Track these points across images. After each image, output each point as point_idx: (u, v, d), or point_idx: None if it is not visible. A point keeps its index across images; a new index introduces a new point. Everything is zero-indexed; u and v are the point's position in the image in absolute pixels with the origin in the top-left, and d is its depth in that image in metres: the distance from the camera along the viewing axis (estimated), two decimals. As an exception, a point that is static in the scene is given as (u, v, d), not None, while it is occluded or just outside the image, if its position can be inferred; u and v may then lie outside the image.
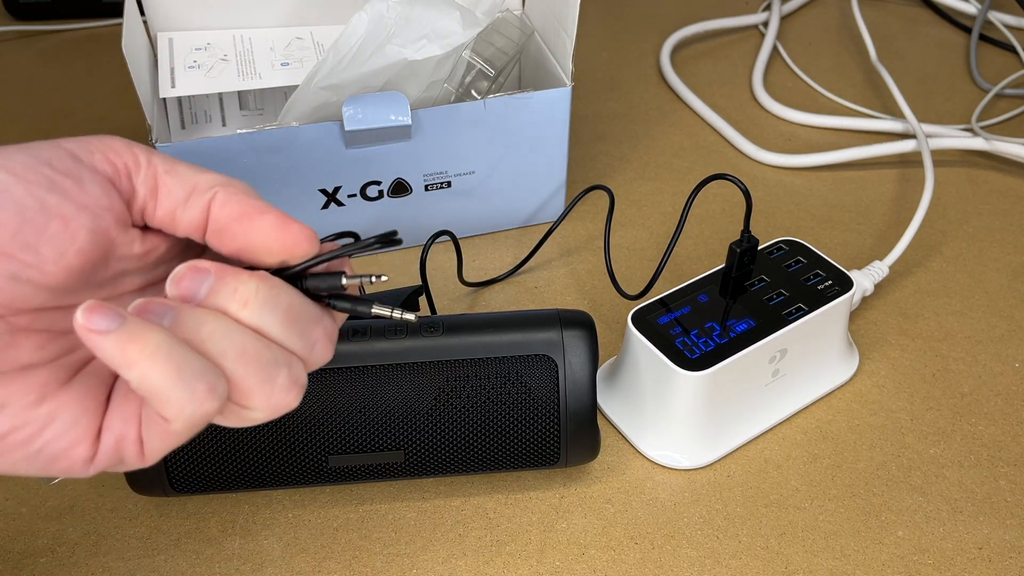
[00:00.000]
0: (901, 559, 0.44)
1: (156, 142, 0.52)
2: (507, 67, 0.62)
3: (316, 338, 0.30)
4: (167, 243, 0.31)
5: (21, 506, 0.47)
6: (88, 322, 0.25)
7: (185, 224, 0.30)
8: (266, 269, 0.30)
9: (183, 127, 0.64)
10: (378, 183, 0.58)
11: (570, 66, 0.58)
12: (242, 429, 0.42)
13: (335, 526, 0.46)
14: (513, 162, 0.60)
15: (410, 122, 0.55)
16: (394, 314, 0.32)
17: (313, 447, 0.43)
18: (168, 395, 0.26)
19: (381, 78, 0.55)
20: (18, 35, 0.86)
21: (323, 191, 0.57)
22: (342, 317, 0.32)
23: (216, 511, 0.46)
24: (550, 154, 0.61)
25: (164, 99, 0.62)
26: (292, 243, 0.30)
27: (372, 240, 0.31)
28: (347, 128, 0.54)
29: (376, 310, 0.32)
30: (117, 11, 0.86)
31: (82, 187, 0.28)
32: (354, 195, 0.58)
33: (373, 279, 0.31)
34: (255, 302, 0.28)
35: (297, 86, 0.56)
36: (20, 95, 0.78)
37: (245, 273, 0.28)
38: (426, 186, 0.59)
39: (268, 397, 0.28)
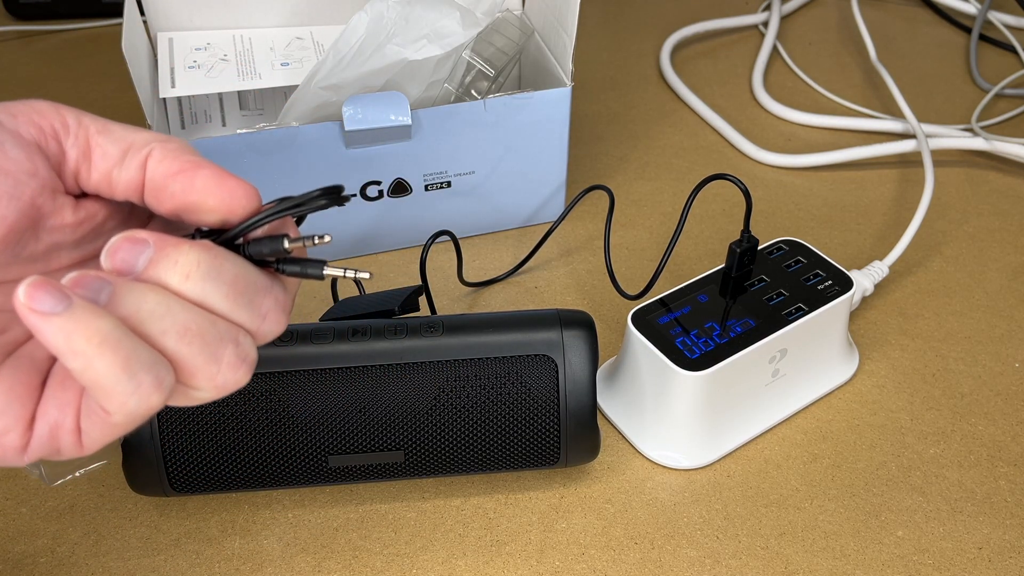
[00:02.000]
0: (901, 559, 0.44)
1: None
2: (507, 67, 0.62)
3: (266, 309, 0.28)
4: (105, 211, 0.29)
5: (21, 506, 0.47)
6: (31, 301, 0.23)
7: (123, 185, 0.28)
8: (207, 234, 0.29)
9: (183, 127, 0.64)
10: (378, 183, 0.58)
11: (570, 66, 0.58)
12: (241, 429, 0.42)
13: (335, 526, 0.46)
14: (513, 162, 0.60)
15: (410, 122, 0.55)
16: (347, 274, 0.30)
17: (313, 447, 0.43)
18: (112, 388, 0.24)
19: (381, 78, 0.55)
20: (18, 35, 0.86)
21: None
22: (294, 284, 0.31)
23: (216, 511, 0.46)
24: (550, 154, 0.61)
25: (164, 99, 0.62)
26: (231, 198, 0.28)
27: (316, 194, 0.29)
28: (347, 128, 0.54)
29: (328, 271, 0.30)
30: (117, 11, 0.86)
31: (3, 152, 0.26)
32: (354, 195, 0.58)
33: (316, 239, 0.30)
34: (197, 273, 0.26)
35: (297, 86, 0.56)
36: (20, 95, 0.78)
37: (186, 243, 0.27)
38: (426, 186, 0.59)
39: (213, 377, 0.27)
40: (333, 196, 0.29)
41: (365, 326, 0.44)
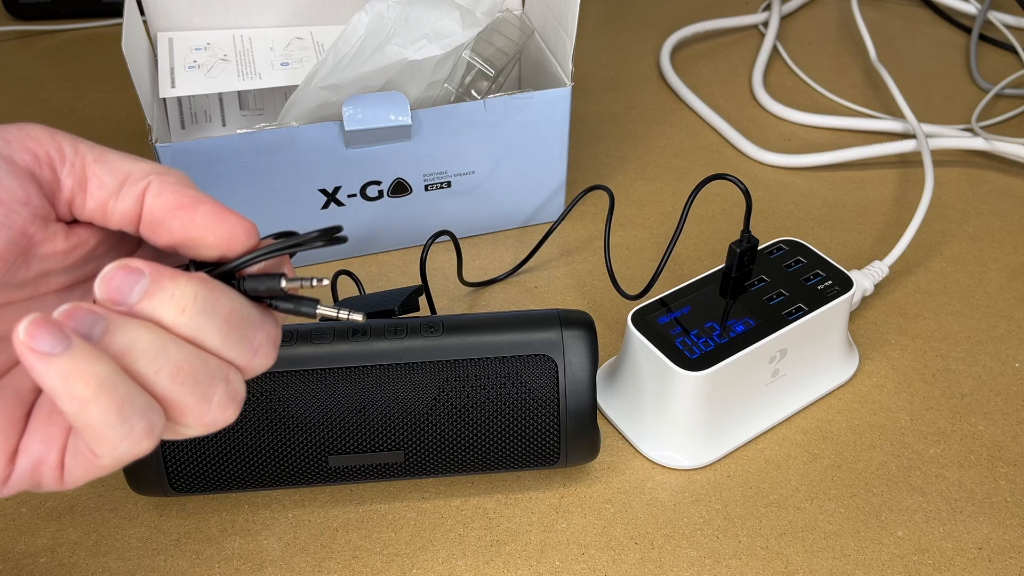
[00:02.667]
0: (901, 559, 0.44)
1: (156, 142, 0.52)
2: (507, 67, 0.62)
3: (258, 344, 0.28)
4: (96, 237, 0.29)
5: (21, 506, 0.47)
6: (31, 340, 0.23)
7: (118, 216, 0.28)
8: (200, 266, 0.28)
9: (183, 127, 0.64)
10: (378, 183, 0.58)
11: (570, 66, 0.58)
12: (241, 429, 0.42)
13: (335, 526, 0.46)
14: (513, 162, 0.60)
15: (410, 122, 0.55)
16: (340, 314, 0.30)
17: (313, 447, 0.43)
18: (104, 432, 0.24)
19: (381, 78, 0.55)
20: (18, 35, 0.86)
21: (323, 191, 0.57)
22: (284, 317, 0.30)
23: (216, 511, 0.46)
24: (550, 154, 0.61)
25: (164, 99, 0.62)
26: (230, 236, 0.28)
27: (315, 235, 0.29)
28: (347, 128, 0.54)
29: (321, 311, 0.30)
30: (117, 11, 0.86)
31: None
32: (354, 195, 0.58)
33: (314, 282, 0.29)
34: (193, 307, 0.26)
35: (297, 86, 0.56)
36: (20, 95, 0.78)
37: (183, 275, 0.26)
38: (426, 186, 0.59)
39: (203, 416, 0.27)
40: (331, 237, 0.29)
41: (365, 326, 0.44)
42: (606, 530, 0.46)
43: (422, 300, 0.54)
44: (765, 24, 0.88)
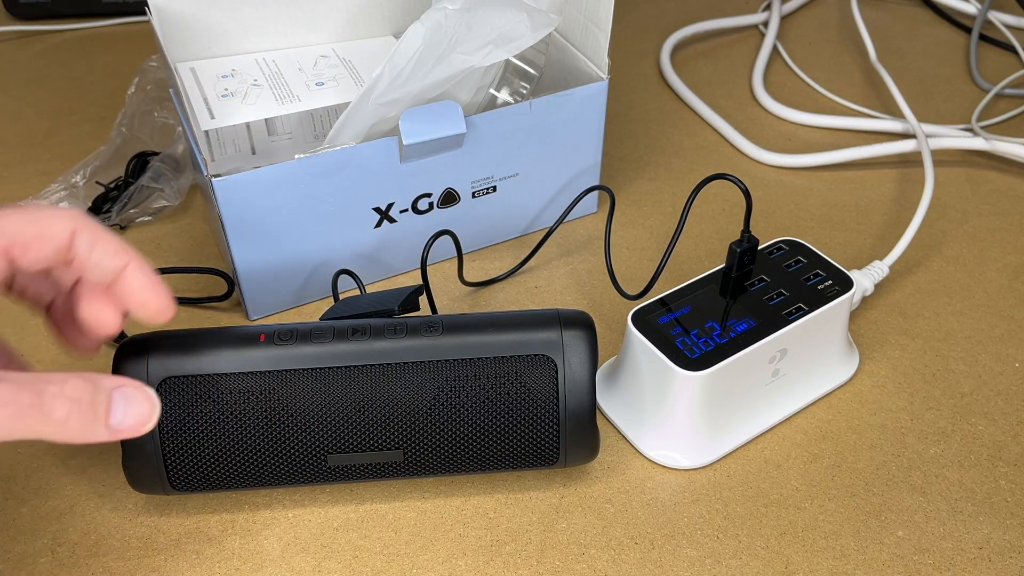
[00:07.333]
0: (901, 559, 0.44)
1: (212, 176, 0.50)
2: (544, 66, 0.61)
3: None
4: None
5: (21, 506, 0.47)
6: None
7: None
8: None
9: (213, 159, 0.62)
10: (428, 195, 0.57)
11: (606, 60, 0.58)
12: (241, 428, 0.42)
13: (335, 526, 0.46)
14: (553, 160, 0.60)
15: (465, 130, 0.54)
16: None
17: (312, 446, 0.43)
18: None
19: (440, 89, 0.54)
20: (18, 35, 0.86)
21: (376, 209, 0.56)
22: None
23: (216, 511, 0.46)
24: (587, 149, 0.61)
25: (206, 132, 0.58)
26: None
27: None
28: (405, 142, 0.52)
29: None
30: (117, 11, 0.86)
31: None
32: (406, 210, 0.57)
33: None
34: None
35: (336, 105, 0.55)
36: (20, 95, 0.78)
37: None
38: (473, 193, 0.59)
39: None
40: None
41: (365, 325, 0.44)
42: (606, 530, 0.46)
43: (422, 300, 0.54)
44: (765, 24, 0.88)
